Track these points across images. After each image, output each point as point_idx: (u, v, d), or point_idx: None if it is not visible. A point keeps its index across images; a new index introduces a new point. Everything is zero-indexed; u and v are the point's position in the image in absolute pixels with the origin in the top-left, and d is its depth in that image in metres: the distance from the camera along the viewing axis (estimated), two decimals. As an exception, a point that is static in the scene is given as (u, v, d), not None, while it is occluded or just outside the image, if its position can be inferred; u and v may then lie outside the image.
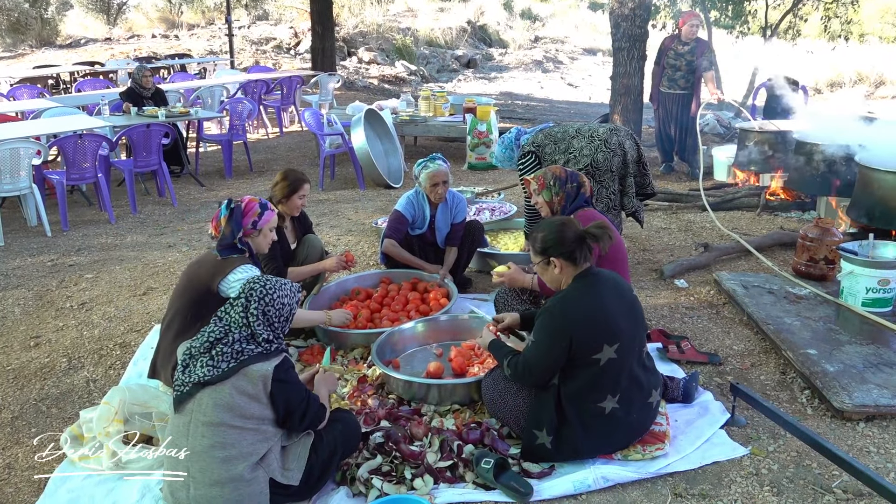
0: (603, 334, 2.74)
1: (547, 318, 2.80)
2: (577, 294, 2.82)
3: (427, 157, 4.58)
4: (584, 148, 4.63)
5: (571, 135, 4.72)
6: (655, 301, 4.54)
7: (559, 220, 3.02)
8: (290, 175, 4.15)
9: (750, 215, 6.38)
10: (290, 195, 4.13)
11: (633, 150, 4.75)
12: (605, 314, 2.76)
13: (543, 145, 4.74)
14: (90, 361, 3.97)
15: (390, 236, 4.56)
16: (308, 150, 9.92)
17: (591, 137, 4.66)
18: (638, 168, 4.81)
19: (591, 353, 2.73)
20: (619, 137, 4.70)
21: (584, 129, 4.77)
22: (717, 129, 10.15)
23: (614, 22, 7.94)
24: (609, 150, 4.61)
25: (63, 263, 5.53)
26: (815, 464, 2.84)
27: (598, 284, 2.84)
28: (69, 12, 21.52)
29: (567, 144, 4.68)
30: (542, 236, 2.91)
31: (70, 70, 13.61)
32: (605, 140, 4.63)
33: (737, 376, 3.59)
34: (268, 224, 3.39)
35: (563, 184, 3.69)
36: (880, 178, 5.01)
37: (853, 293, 4.14)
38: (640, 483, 2.76)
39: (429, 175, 4.49)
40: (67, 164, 6.51)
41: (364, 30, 19.87)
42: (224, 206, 3.29)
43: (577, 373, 2.78)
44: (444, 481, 2.77)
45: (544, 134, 4.80)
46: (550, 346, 2.76)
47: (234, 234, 3.25)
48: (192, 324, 3.17)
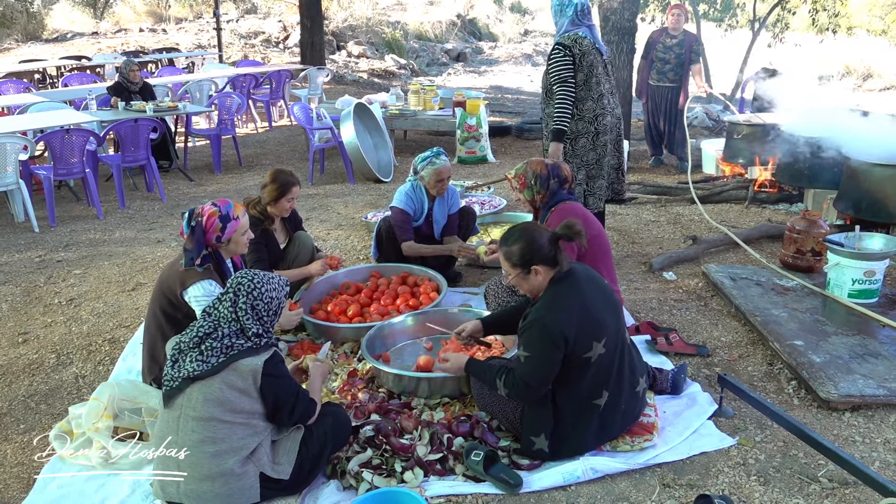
0: (591, 332, 2.74)
1: (538, 331, 2.72)
2: (560, 298, 2.77)
3: (431, 153, 4.52)
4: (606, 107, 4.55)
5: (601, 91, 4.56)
6: (644, 293, 4.56)
7: (526, 228, 2.91)
8: (279, 178, 4.07)
9: (738, 208, 6.42)
10: (279, 198, 4.09)
11: (613, 158, 4.72)
12: (590, 312, 2.76)
13: (585, 54, 4.47)
14: (79, 357, 3.96)
15: (405, 238, 4.50)
16: (297, 145, 9.90)
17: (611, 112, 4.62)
18: (616, 175, 4.76)
19: (583, 352, 2.73)
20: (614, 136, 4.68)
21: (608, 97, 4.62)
22: (705, 123, 10.19)
23: (603, 15, 7.94)
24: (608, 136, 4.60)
25: (51, 259, 5.51)
26: (802, 453, 2.87)
27: (576, 284, 2.81)
28: (55, 6, 21.35)
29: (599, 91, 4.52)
30: (518, 248, 2.81)
31: (57, 64, 13.50)
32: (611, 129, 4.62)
33: (724, 367, 3.62)
34: (235, 232, 3.25)
35: (546, 181, 3.68)
36: (867, 171, 5.04)
37: (840, 285, 4.17)
38: (629, 474, 2.78)
39: (435, 171, 4.47)
40: (55, 159, 6.47)
41: (353, 23, 19.81)
42: (185, 222, 3.18)
43: (570, 375, 2.76)
44: (435, 474, 2.78)
45: (593, 63, 4.48)
46: (547, 358, 2.70)
47: (198, 249, 3.15)
48: (169, 328, 3.15)
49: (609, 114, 4.59)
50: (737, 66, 13.18)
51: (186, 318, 3.08)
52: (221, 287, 3.12)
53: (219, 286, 3.13)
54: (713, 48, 14.37)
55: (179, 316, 3.14)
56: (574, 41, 4.48)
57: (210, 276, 3.14)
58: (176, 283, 3.14)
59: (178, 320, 3.13)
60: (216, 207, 3.21)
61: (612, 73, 4.72)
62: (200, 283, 3.10)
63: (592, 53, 4.50)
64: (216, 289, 3.11)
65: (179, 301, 3.14)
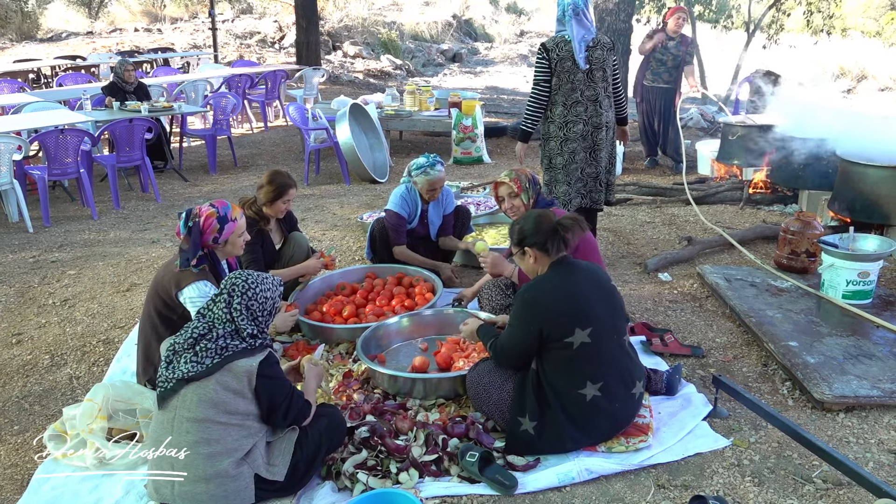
0: (575, 318, 2.80)
1: (518, 305, 2.91)
2: (547, 280, 2.92)
3: (427, 162, 4.51)
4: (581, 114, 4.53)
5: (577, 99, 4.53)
6: (639, 294, 4.57)
7: (537, 212, 3.12)
8: (275, 179, 4.07)
9: (733, 209, 6.43)
10: (276, 200, 4.09)
11: (590, 167, 4.66)
12: (577, 298, 2.84)
13: (563, 59, 4.44)
14: (73, 358, 3.95)
15: (398, 242, 4.54)
16: (293, 145, 9.89)
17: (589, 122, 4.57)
18: (594, 184, 4.67)
19: (563, 336, 2.79)
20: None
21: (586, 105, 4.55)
22: (700, 124, 10.20)
23: (598, 16, 7.97)
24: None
25: (45, 260, 5.49)
26: (796, 454, 2.87)
27: (573, 272, 2.92)
28: (50, 5, 21.31)
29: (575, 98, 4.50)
30: (519, 227, 3.03)
31: (51, 64, 13.47)
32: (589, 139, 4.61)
33: (719, 368, 3.62)
34: (232, 234, 3.25)
35: (535, 184, 3.78)
36: (861, 172, 5.06)
37: (834, 286, 4.19)
38: (624, 475, 2.78)
39: (428, 181, 4.49)
40: (49, 159, 6.45)
41: (349, 24, 19.81)
42: (182, 223, 3.18)
43: (551, 355, 2.85)
44: (430, 475, 2.78)
45: (569, 70, 4.46)
46: (522, 332, 2.87)
47: (194, 250, 3.14)
48: (164, 329, 3.14)
49: (583, 122, 4.53)
50: (732, 68, 13.20)
51: (181, 319, 3.07)
52: (216, 288, 3.11)
53: (214, 287, 3.12)
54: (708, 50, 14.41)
55: (174, 317, 3.14)
56: (556, 44, 4.48)
57: (205, 278, 3.14)
58: (171, 283, 3.14)
59: (172, 321, 3.12)
60: (214, 209, 3.20)
61: (602, 81, 4.56)
62: (195, 284, 3.09)
63: (571, 60, 4.45)
64: (211, 290, 3.10)
65: (174, 302, 3.13)
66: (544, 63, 4.49)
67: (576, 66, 4.46)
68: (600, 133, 4.59)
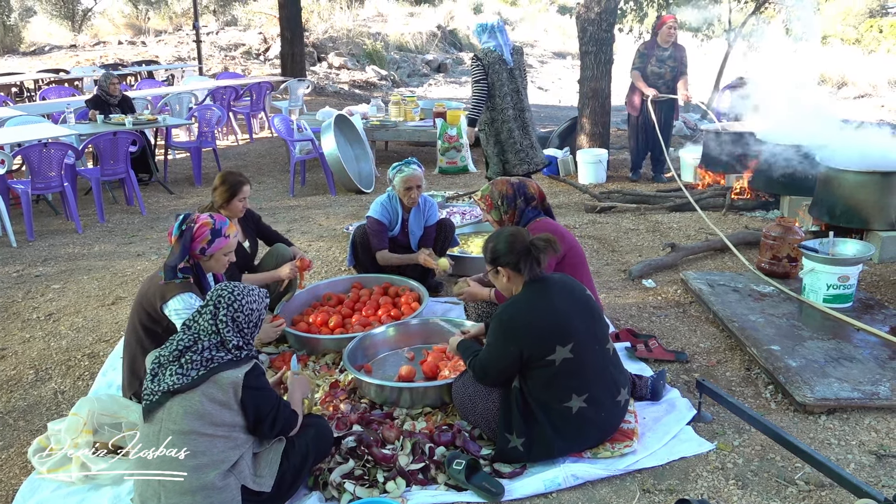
0: (554, 335, 2.80)
1: (496, 325, 2.91)
2: (523, 300, 2.90)
3: (402, 161, 4.60)
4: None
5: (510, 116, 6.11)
6: (624, 301, 4.60)
7: (510, 230, 3.07)
8: (228, 179, 4.08)
9: (716, 215, 6.49)
10: (231, 199, 4.09)
11: (524, 139, 6.17)
12: (555, 316, 2.83)
13: (493, 64, 5.95)
14: (58, 373, 3.93)
15: (380, 247, 4.57)
16: (278, 156, 9.89)
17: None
18: (532, 151, 6.22)
19: (544, 354, 2.79)
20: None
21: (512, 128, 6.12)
22: (683, 131, 10.29)
23: (581, 26, 8.01)
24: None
25: (29, 274, 5.46)
26: (779, 457, 2.91)
27: (547, 289, 2.91)
28: (33, 19, 21.22)
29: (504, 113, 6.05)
30: (492, 246, 3.02)
31: (34, 77, 13.41)
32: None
33: (703, 373, 3.66)
34: (220, 250, 3.23)
35: (512, 200, 3.64)
36: (841, 178, 5.13)
37: (815, 290, 4.24)
38: (610, 480, 2.81)
39: (403, 179, 4.52)
40: (32, 173, 6.42)
41: (334, 35, 19.84)
42: (177, 225, 3.18)
43: (534, 374, 2.85)
44: (417, 483, 2.79)
45: (498, 70, 5.95)
46: (500, 352, 2.88)
47: (181, 255, 3.14)
48: (149, 342, 3.13)
49: (511, 108, 6.09)
50: (713, 76, 13.34)
51: (166, 332, 3.06)
52: (202, 300, 3.10)
53: (199, 299, 3.11)
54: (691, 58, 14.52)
55: (159, 330, 3.13)
56: (486, 54, 5.98)
57: (190, 289, 3.13)
58: (156, 296, 3.13)
59: (157, 334, 3.11)
60: (211, 220, 3.21)
61: (520, 77, 6.14)
62: (180, 297, 3.09)
63: (499, 63, 5.97)
64: (196, 302, 3.09)
65: (159, 315, 3.12)
66: (479, 68, 5.99)
67: (503, 66, 5.98)
68: (525, 115, 6.20)
